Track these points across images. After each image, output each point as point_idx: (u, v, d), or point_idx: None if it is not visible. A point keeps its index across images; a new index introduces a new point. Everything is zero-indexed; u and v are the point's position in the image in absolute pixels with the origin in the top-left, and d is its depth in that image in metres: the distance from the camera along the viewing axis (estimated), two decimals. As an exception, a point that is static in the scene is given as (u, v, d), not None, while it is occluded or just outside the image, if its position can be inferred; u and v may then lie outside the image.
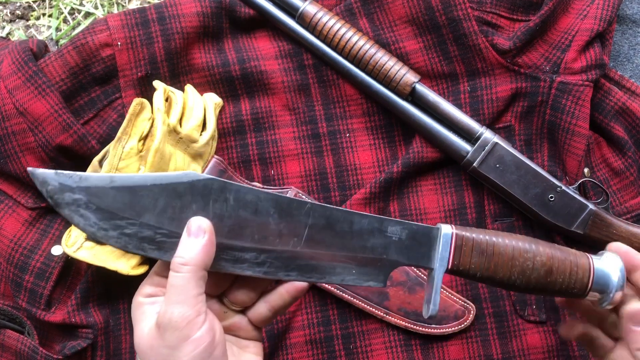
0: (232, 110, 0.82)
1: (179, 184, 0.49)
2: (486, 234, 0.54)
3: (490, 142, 0.77)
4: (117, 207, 0.48)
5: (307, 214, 0.50)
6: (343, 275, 0.51)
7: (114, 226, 0.48)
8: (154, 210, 0.49)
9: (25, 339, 0.75)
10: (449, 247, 0.52)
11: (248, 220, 0.50)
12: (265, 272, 0.50)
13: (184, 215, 0.49)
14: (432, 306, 0.52)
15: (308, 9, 0.80)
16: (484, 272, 0.53)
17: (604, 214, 0.77)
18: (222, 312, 0.53)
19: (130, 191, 0.48)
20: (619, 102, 0.81)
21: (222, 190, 0.50)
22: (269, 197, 0.50)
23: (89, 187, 0.48)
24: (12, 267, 0.77)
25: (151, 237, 0.49)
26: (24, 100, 0.76)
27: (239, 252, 0.50)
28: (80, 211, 0.48)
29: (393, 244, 0.52)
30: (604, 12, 0.80)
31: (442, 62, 0.81)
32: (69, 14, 0.91)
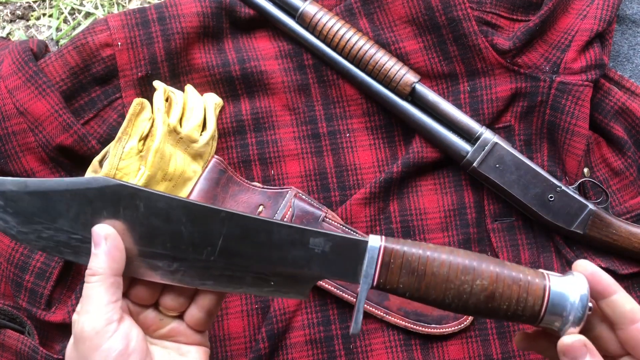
0: (232, 110, 0.82)
1: (89, 190, 0.49)
2: (420, 248, 0.49)
3: (490, 142, 0.77)
4: (32, 211, 0.49)
5: (222, 222, 0.49)
6: (260, 287, 0.49)
7: (31, 230, 0.49)
8: (67, 215, 0.49)
9: (25, 339, 0.75)
10: (374, 263, 0.48)
11: (160, 228, 0.49)
12: (180, 280, 0.50)
13: (96, 221, 0.49)
14: (354, 324, 0.49)
15: (308, 9, 0.80)
16: (414, 292, 0.49)
17: (603, 214, 0.77)
18: (158, 319, 0.53)
19: (43, 196, 0.49)
20: (618, 102, 0.81)
21: (132, 197, 0.49)
22: (181, 205, 0.49)
23: (5, 192, 0.49)
24: (13, 267, 0.77)
25: (66, 242, 0.49)
26: (24, 100, 0.76)
27: (151, 259, 0.49)
28: (0, 215, 0.49)
29: (316, 256, 0.49)
30: (603, 12, 0.80)
31: (442, 62, 0.81)
32: (69, 14, 0.91)
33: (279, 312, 0.77)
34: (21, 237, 0.49)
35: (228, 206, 0.53)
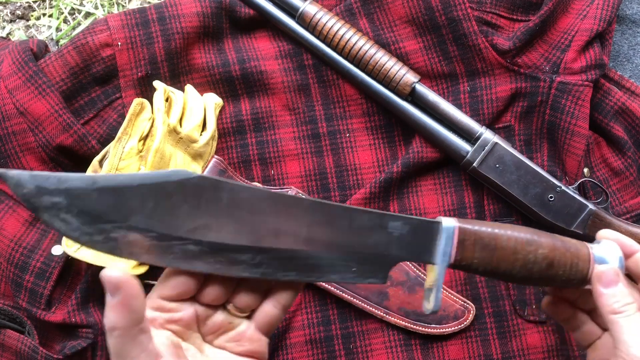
0: (232, 110, 0.82)
1: (168, 184, 0.45)
2: (488, 227, 0.52)
3: (490, 142, 0.77)
4: (102, 209, 0.44)
5: (306, 211, 0.48)
6: (343, 274, 0.49)
7: (98, 230, 0.44)
8: (142, 211, 0.45)
9: (25, 339, 0.75)
10: (451, 241, 0.50)
11: (243, 220, 0.46)
12: (263, 274, 0.47)
13: (176, 216, 0.45)
14: (435, 302, 0.51)
15: (308, 9, 0.80)
16: (487, 266, 0.51)
17: (603, 214, 0.77)
18: (227, 322, 0.50)
19: (115, 192, 0.44)
20: (618, 102, 0.81)
21: (215, 189, 0.46)
22: (265, 195, 0.47)
23: (70, 189, 0.44)
24: (12, 267, 0.77)
25: (140, 241, 0.45)
26: (24, 101, 0.76)
27: (234, 253, 0.46)
28: (61, 215, 0.44)
29: (394, 240, 0.49)
30: (603, 12, 0.80)
31: (442, 62, 0.81)
32: (69, 14, 0.91)
33: (279, 312, 0.77)
34: (85, 240, 0.44)
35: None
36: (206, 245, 0.46)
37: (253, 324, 0.50)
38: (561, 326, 0.78)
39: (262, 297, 0.50)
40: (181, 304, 0.48)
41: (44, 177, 0.43)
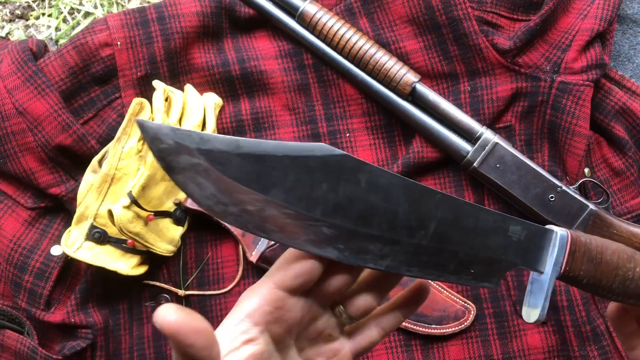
0: (232, 110, 0.82)
1: (312, 158, 0.42)
2: (594, 239, 0.51)
3: (490, 142, 0.77)
4: (243, 177, 0.40)
5: (437, 205, 0.45)
6: (461, 275, 0.47)
7: (235, 201, 0.40)
8: (282, 185, 0.41)
9: (24, 339, 0.75)
10: (564, 251, 0.49)
11: (378, 207, 0.43)
12: (388, 267, 0.44)
13: (314, 195, 0.41)
14: (541, 311, 0.49)
15: (308, 9, 0.80)
16: (590, 278, 0.50)
17: (604, 214, 0.77)
18: (327, 333, 0.45)
19: (259, 160, 0.40)
20: (619, 102, 0.81)
21: (356, 170, 0.43)
22: (401, 183, 0.44)
23: (212, 151, 0.39)
24: (12, 267, 0.76)
25: (275, 217, 0.41)
26: (24, 100, 0.76)
27: (364, 241, 0.43)
28: (198, 179, 0.39)
29: (513, 244, 0.48)
30: (604, 12, 0.79)
31: (442, 62, 0.81)
32: (69, 14, 0.91)
33: (279, 312, 0.76)
34: (219, 209, 0.40)
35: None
36: (338, 230, 0.42)
37: (349, 345, 0.47)
38: (562, 327, 0.78)
39: (374, 308, 0.47)
40: (296, 301, 0.43)
41: (186, 134, 0.39)
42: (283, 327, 0.43)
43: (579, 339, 0.77)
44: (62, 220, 0.80)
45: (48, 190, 0.77)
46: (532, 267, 0.49)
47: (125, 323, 0.78)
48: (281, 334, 0.43)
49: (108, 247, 0.75)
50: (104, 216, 0.74)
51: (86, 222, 0.75)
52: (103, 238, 0.74)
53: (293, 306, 0.43)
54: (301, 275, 0.42)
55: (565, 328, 0.78)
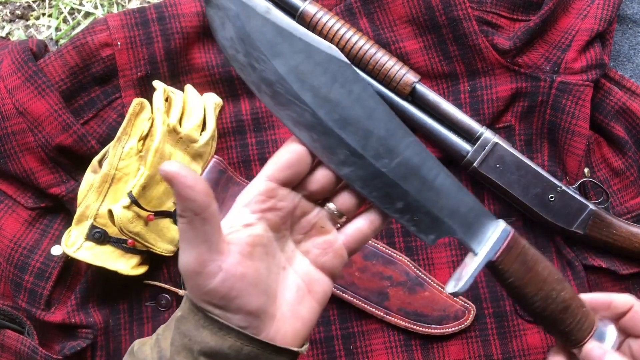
0: (232, 110, 0.82)
1: (320, 53, 0.47)
2: (533, 250, 0.54)
3: (490, 142, 0.77)
4: (259, 37, 0.46)
5: (407, 146, 0.49)
6: (404, 215, 0.50)
7: (246, 52, 0.46)
8: (287, 61, 0.47)
9: (25, 339, 0.75)
10: (502, 242, 0.52)
11: (358, 119, 0.48)
12: (346, 175, 0.48)
13: (309, 82, 0.47)
14: (462, 284, 0.51)
15: (308, 9, 0.80)
16: (517, 280, 0.53)
17: (604, 214, 0.77)
18: (319, 226, 0.49)
19: (278, 30, 0.46)
20: (619, 102, 0.81)
21: (353, 81, 0.48)
22: (386, 111, 0.48)
23: (245, 4, 0.46)
24: (12, 267, 0.77)
25: (272, 84, 0.47)
26: (24, 100, 0.76)
27: (335, 142, 0.47)
28: (225, 22, 0.46)
29: (459, 214, 0.51)
30: (604, 12, 0.80)
31: (442, 62, 0.81)
32: (69, 14, 0.91)
33: (279, 312, 0.76)
34: (230, 53, 0.47)
35: (228, 206, 0.53)
36: (318, 121, 0.47)
37: (342, 237, 0.50)
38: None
39: (360, 206, 0.50)
40: (288, 193, 0.47)
41: None
42: (277, 216, 0.47)
43: None
44: (62, 220, 0.80)
45: (48, 190, 0.78)
46: (469, 244, 0.52)
47: (125, 323, 0.78)
48: (276, 222, 0.47)
49: (108, 247, 0.75)
50: (104, 216, 0.74)
51: (86, 222, 0.75)
52: (103, 238, 0.74)
53: (284, 196, 0.47)
54: (288, 166, 0.47)
55: (565, 328, 0.78)
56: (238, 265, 0.45)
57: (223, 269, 0.44)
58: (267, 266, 0.47)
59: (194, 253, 0.43)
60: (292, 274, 0.49)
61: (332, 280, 0.51)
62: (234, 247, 0.45)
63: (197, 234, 0.43)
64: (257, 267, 0.46)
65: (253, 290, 0.45)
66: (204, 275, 0.44)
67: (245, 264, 0.45)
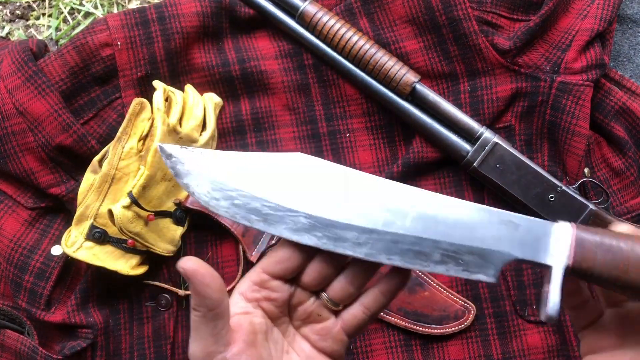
0: (232, 110, 0.82)
1: (284, 157, 0.51)
2: (604, 231, 0.48)
3: (490, 142, 0.77)
4: (230, 177, 0.49)
5: (413, 198, 0.49)
6: (449, 265, 0.48)
7: (225, 197, 0.49)
8: (262, 183, 0.49)
9: (25, 339, 0.75)
10: (570, 241, 0.47)
11: (354, 200, 0.48)
12: (366, 254, 0.48)
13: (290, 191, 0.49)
14: (551, 305, 0.46)
15: (308, 9, 0.80)
16: (612, 271, 0.46)
17: (604, 214, 0.77)
18: (316, 314, 0.51)
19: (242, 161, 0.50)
20: (619, 102, 0.81)
21: (328, 166, 0.50)
22: (373, 176, 0.49)
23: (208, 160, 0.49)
24: (12, 267, 0.77)
25: (257, 210, 0.48)
26: (24, 100, 0.76)
27: (340, 230, 0.48)
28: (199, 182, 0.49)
29: (506, 236, 0.48)
30: (604, 12, 0.80)
31: (442, 62, 0.81)
32: (69, 14, 0.91)
33: (279, 312, 0.76)
34: (214, 204, 0.49)
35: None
36: (314, 220, 0.48)
37: (340, 323, 0.51)
38: (562, 327, 0.78)
39: (357, 293, 0.51)
40: (281, 284, 0.50)
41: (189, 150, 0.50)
42: (273, 305, 0.50)
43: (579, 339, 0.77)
44: (62, 220, 0.80)
45: (48, 190, 0.78)
46: (536, 261, 0.48)
47: (125, 323, 0.78)
48: (273, 311, 0.50)
49: (108, 247, 0.75)
50: (104, 216, 0.74)
51: (86, 222, 0.75)
52: (103, 238, 0.74)
53: (278, 287, 0.49)
54: (280, 261, 0.49)
55: (565, 328, 0.78)
56: (242, 355, 0.47)
57: (227, 359, 0.46)
58: (269, 352, 0.49)
59: (202, 345, 0.46)
60: (294, 356, 0.51)
61: (340, 358, 0.52)
62: (237, 335, 0.47)
63: (207, 327, 0.46)
64: (260, 355, 0.48)
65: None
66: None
67: (248, 352, 0.47)
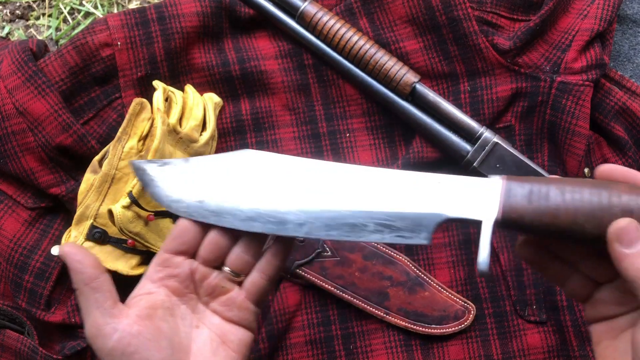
0: (232, 110, 0.82)
1: (231, 157, 0.55)
2: (533, 180, 0.47)
3: (490, 142, 0.77)
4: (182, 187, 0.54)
5: (345, 176, 0.52)
6: (384, 233, 0.49)
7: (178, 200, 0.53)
8: (210, 186, 0.53)
9: (25, 339, 0.75)
10: (497, 194, 0.47)
11: (289, 185, 0.52)
12: (307, 233, 0.51)
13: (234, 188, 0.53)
14: (480, 260, 0.46)
15: (308, 9, 0.80)
16: (543, 218, 0.45)
17: (604, 214, 0.77)
18: (220, 286, 0.54)
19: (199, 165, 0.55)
20: (619, 102, 0.81)
21: (264, 157, 0.54)
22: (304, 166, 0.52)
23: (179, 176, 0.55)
24: (12, 267, 0.77)
25: (210, 206, 0.52)
26: (24, 100, 0.76)
27: (282, 214, 0.51)
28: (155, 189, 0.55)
29: (437, 198, 0.48)
30: (604, 12, 0.80)
31: (442, 62, 0.81)
32: (69, 14, 0.91)
33: (279, 312, 0.76)
34: (174, 207, 0.53)
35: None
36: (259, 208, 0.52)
37: (243, 292, 0.55)
38: (562, 327, 0.78)
39: (254, 261, 0.55)
40: (182, 260, 0.54)
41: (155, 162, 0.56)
42: (176, 282, 0.54)
43: (579, 339, 0.77)
44: (62, 220, 0.80)
45: (48, 190, 0.78)
46: (466, 218, 0.48)
47: (125, 323, 0.78)
48: (177, 287, 0.54)
49: (108, 247, 0.75)
50: (104, 216, 0.74)
51: (86, 222, 0.75)
52: (103, 238, 0.74)
53: (179, 264, 0.53)
54: (177, 237, 0.53)
55: (565, 328, 0.78)
56: (134, 325, 0.51)
57: (119, 329, 0.50)
58: (172, 326, 0.53)
59: (90, 319, 0.51)
60: (204, 330, 0.54)
61: (248, 329, 0.55)
62: (131, 310, 0.52)
63: (89, 302, 0.51)
64: (157, 326, 0.52)
65: (153, 345, 0.51)
66: (101, 337, 0.50)
67: (141, 323, 0.51)
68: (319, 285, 0.77)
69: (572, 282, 0.51)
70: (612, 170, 0.48)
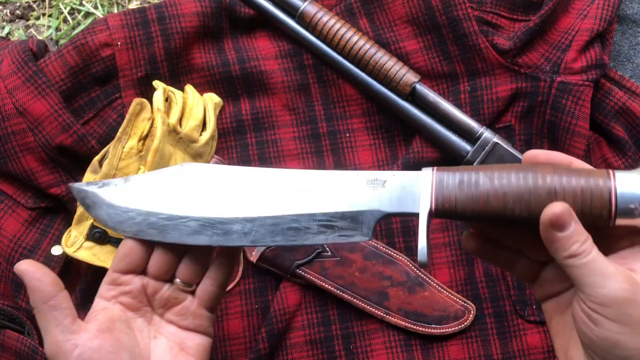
0: (232, 110, 0.82)
1: (170, 171, 0.55)
2: (467, 169, 0.50)
3: (490, 142, 0.77)
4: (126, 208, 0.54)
5: (282, 180, 0.52)
6: (327, 234, 0.51)
7: (124, 219, 0.54)
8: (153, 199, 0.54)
9: (25, 339, 0.75)
10: (430, 187, 0.49)
11: (232, 195, 0.53)
12: (253, 241, 0.52)
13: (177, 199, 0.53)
14: (419, 252, 0.48)
15: (308, 9, 0.80)
16: (474, 206, 0.48)
17: (604, 214, 0.77)
18: (173, 297, 0.55)
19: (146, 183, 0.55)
20: (619, 102, 0.81)
21: (207, 169, 0.54)
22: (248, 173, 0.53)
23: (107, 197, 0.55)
24: (12, 267, 0.77)
25: (155, 223, 0.53)
26: (24, 100, 0.76)
27: (227, 224, 0.52)
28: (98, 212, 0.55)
29: (375, 195, 0.50)
30: (604, 12, 0.80)
31: (442, 62, 0.81)
32: (69, 14, 0.91)
33: (279, 312, 0.76)
34: (117, 227, 0.54)
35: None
36: (204, 221, 0.52)
37: (196, 300, 0.56)
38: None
39: (204, 270, 0.56)
40: (132, 277, 0.55)
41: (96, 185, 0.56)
42: (129, 298, 0.55)
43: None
44: (62, 220, 0.80)
45: (48, 190, 0.78)
46: (406, 212, 0.50)
47: (125, 323, 0.78)
48: (131, 303, 0.55)
49: (108, 247, 0.75)
50: (104, 216, 0.74)
51: (86, 222, 0.75)
52: (103, 238, 0.75)
53: (129, 281, 0.54)
54: (124, 257, 0.54)
55: (565, 328, 0.78)
56: (94, 339, 0.52)
57: (79, 344, 0.51)
58: (131, 337, 0.54)
59: (49, 337, 0.51)
60: (162, 340, 0.56)
61: (204, 335, 0.57)
62: (90, 325, 0.53)
63: (47, 320, 0.51)
64: (117, 338, 0.53)
65: (114, 357, 0.52)
66: (62, 355, 0.51)
67: (102, 337, 0.52)
68: (319, 285, 0.77)
69: (519, 266, 0.54)
70: (537, 155, 0.51)
